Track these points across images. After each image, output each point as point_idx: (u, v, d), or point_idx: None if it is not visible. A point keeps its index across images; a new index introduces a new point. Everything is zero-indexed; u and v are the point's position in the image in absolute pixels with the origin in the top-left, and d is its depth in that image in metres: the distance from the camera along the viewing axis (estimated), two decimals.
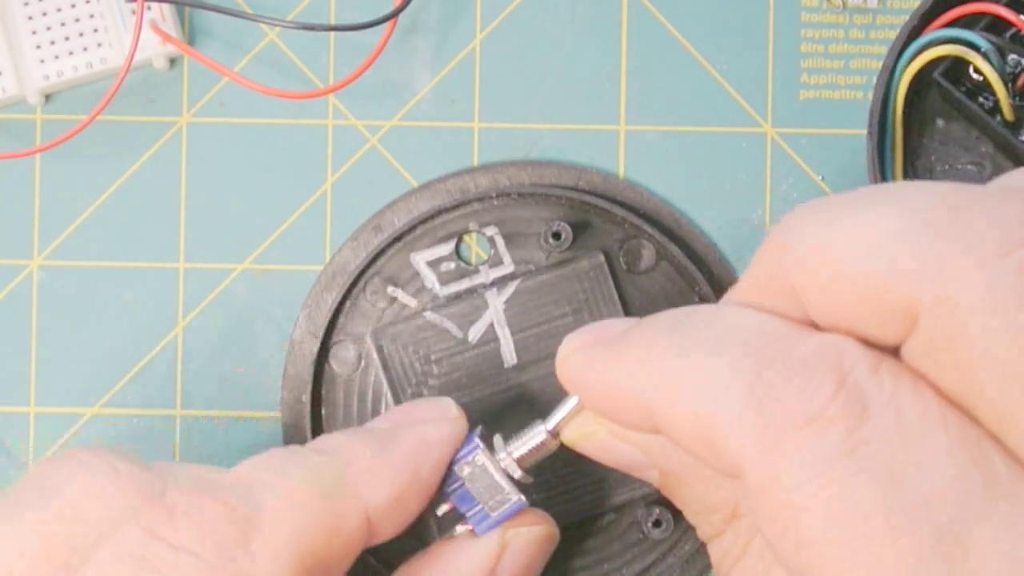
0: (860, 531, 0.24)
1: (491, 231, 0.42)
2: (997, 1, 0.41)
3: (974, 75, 0.41)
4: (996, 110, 0.41)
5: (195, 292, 0.43)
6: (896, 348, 0.27)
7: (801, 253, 0.27)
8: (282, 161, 0.43)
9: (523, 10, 0.43)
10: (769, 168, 0.43)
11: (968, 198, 0.25)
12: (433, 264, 0.42)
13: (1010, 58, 0.40)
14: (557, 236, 0.41)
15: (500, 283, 0.42)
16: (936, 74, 0.41)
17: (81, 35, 0.42)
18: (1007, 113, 0.40)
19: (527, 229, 0.42)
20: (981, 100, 0.41)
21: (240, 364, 0.43)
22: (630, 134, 0.43)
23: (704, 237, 0.43)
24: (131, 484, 0.31)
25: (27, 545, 0.30)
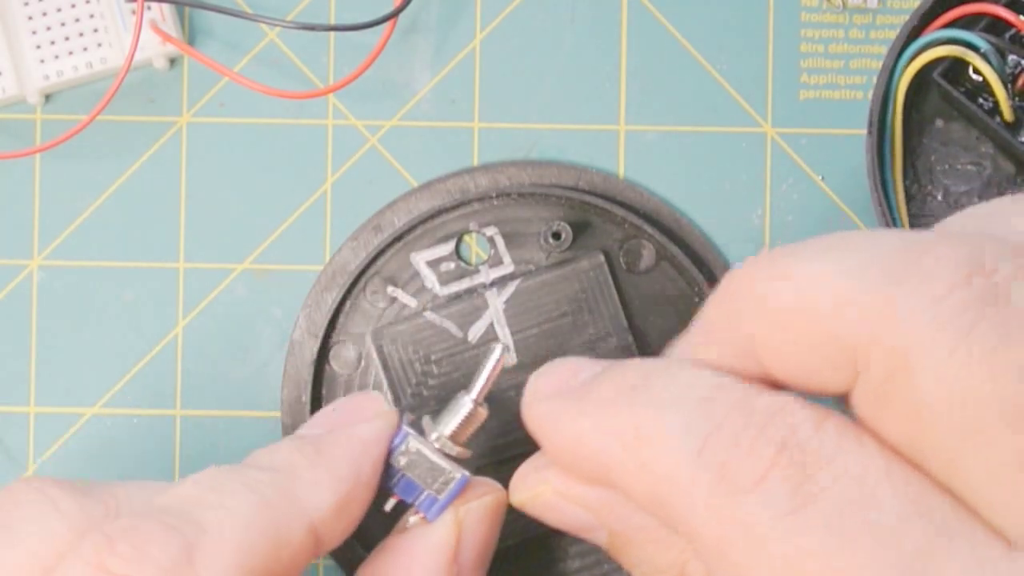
0: None
1: (491, 231, 0.42)
2: (997, 1, 0.41)
3: (974, 75, 0.41)
4: (996, 111, 0.41)
5: (195, 292, 0.43)
6: (847, 394, 0.27)
7: (751, 304, 0.28)
8: (282, 161, 0.43)
9: (523, 10, 0.43)
10: (769, 168, 0.43)
11: (909, 247, 0.26)
12: (433, 264, 0.42)
13: (1010, 59, 0.40)
14: (557, 236, 0.41)
15: (500, 283, 0.42)
16: (936, 74, 0.41)
17: (81, 35, 0.42)
18: (1006, 114, 0.40)
19: (527, 229, 0.42)
20: (981, 100, 0.41)
21: (240, 364, 0.43)
22: (630, 134, 0.43)
23: (704, 237, 0.43)
24: (71, 516, 0.31)
25: None
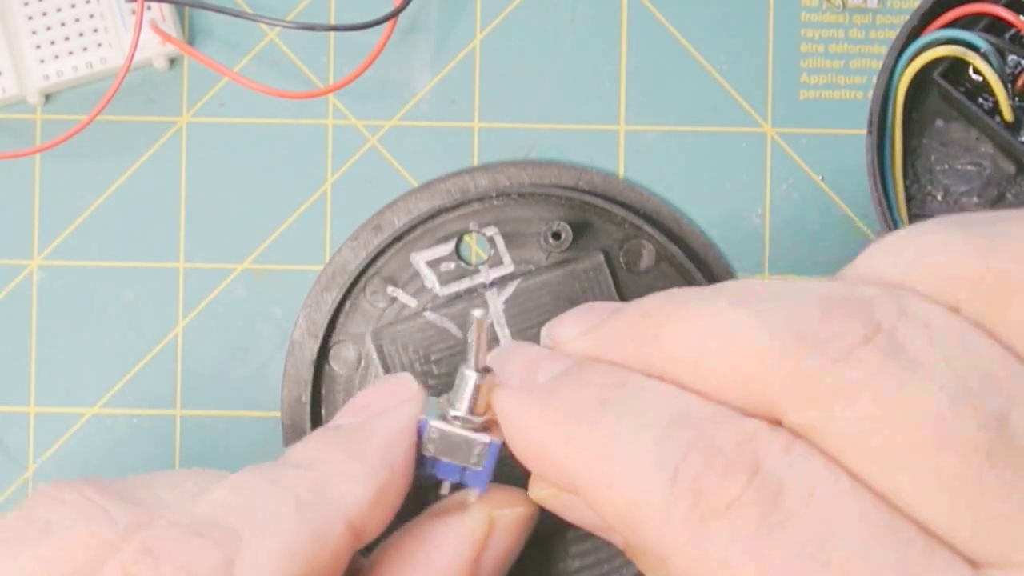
0: None
1: (491, 231, 0.42)
2: (997, 1, 0.41)
3: (974, 76, 0.41)
4: (996, 110, 0.41)
5: (195, 292, 0.43)
6: None
7: (669, 349, 0.29)
8: (282, 161, 0.43)
9: (523, 10, 0.43)
10: (769, 168, 0.43)
11: (815, 299, 0.27)
12: (433, 264, 0.42)
13: (1009, 59, 0.40)
14: (557, 236, 0.41)
15: (500, 283, 0.42)
16: (936, 74, 0.41)
17: (81, 35, 0.42)
18: (1006, 114, 0.40)
19: (527, 229, 0.42)
20: (981, 101, 0.41)
21: (240, 364, 0.43)
22: (630, 134, 0.43)
23: (704, 237, 0.43)
24: (110, 521, 0.31)
25: None
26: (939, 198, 0.42)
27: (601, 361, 0.31)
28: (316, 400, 0.42)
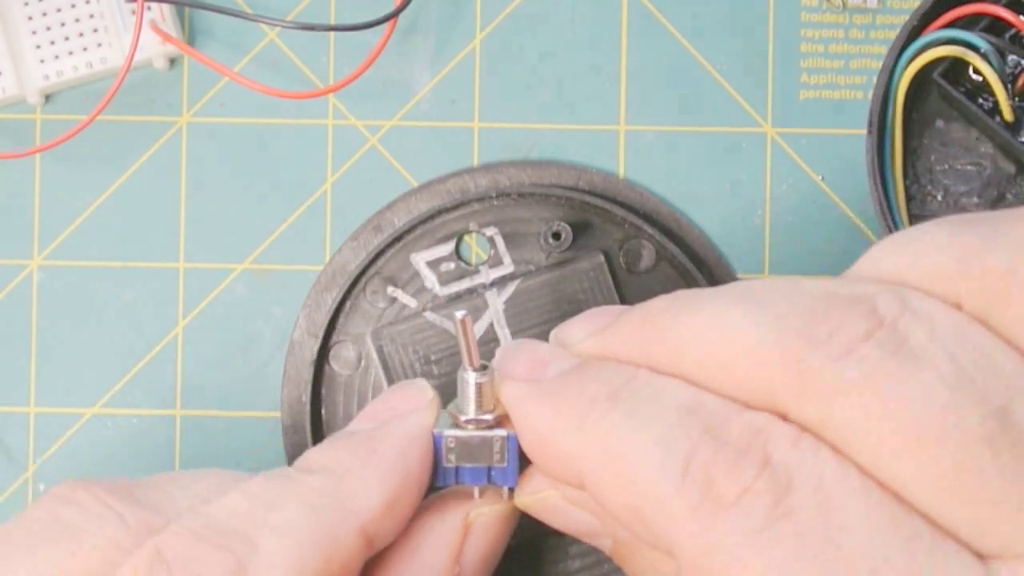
0: None
1: (491, 231, 0.42)
2: (997, 1, 0.41)
3: (974, 76, 0.41)
4: (996, 110, 0.41)
5: (195, 292, 0.43)
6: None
7: (675, 348, 0.29)
8: (282, 161, 0.43)
9: (523, 10, 0.43)
10: (769, 168, 0.43)
11: (812, 301, 0.28)
12: (433, 264, 0.42)
13: (1009, 59, 0.40)
14: (557, 236, 0.41)
15: (500, 283, 0.42)
16: (936, 75, 0.41)
17: (81, 35, 0.42)
18: (1006, 114, 0.40)
19: (527, 229, 0.42)
20: (981, 100, 0.41)
21: (240, 364, 0.43)
22: (630, 134, 0.43)
23: (704, 237, 0.43)
24: (123, 525, 0.31)
25: None
26: (939, 198, 0.42)
27: (610, 360, 0.31)
28: (316, 400, 0.42)
